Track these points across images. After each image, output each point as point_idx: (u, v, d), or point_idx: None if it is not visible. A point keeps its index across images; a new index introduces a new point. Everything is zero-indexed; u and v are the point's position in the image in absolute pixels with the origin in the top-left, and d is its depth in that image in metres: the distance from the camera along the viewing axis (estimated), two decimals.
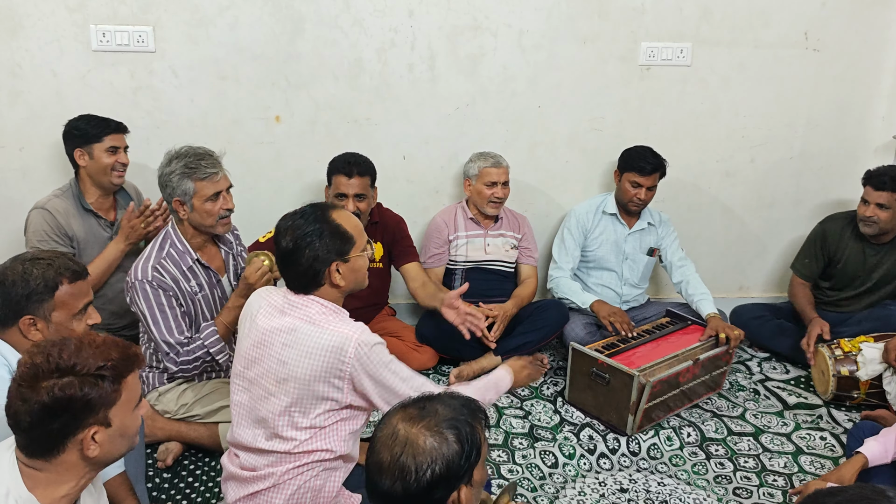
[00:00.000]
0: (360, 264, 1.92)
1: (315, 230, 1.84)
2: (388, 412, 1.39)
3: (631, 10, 3.37)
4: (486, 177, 3.26)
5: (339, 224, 1.87)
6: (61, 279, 1.81)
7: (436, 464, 1.28)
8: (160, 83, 3.13)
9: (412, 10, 3.22)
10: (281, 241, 1.87)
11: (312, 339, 1.82)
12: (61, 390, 1.35)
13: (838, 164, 3.76)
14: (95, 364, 1.39)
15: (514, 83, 3.40)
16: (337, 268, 1.86)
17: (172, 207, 2.47)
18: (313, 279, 1.86)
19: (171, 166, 2.43)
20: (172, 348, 2.42)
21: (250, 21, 3.12)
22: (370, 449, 1.34)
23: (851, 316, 3.33)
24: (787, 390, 3.20)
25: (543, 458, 2.71)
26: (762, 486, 2.58)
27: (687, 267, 3.37)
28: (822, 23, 3.51)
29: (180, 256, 2.48)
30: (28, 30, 2.97)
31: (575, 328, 3.19)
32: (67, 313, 1.82)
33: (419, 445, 1.29)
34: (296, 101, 3.26)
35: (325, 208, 1.90)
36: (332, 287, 1.88)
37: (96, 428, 1.40)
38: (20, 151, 3.12)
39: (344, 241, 1.87)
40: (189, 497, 2.44)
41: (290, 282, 1.90)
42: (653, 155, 3.27)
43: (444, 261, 3.36)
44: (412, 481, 1.28)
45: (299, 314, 1.86)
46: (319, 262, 1.83)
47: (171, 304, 2.42)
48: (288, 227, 1.86)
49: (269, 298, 1.95)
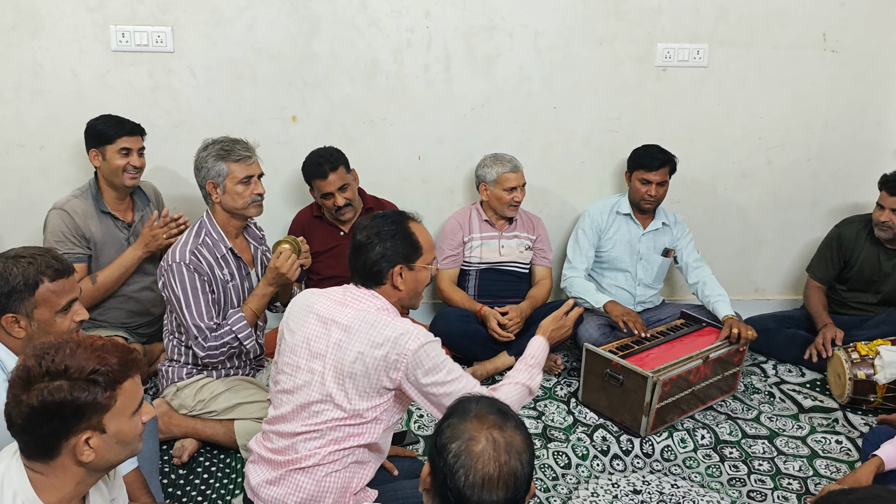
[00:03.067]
0: (423, 276, 2.02)
1: (390, 231, 1.96)
2: (461, 427, 1.33)
3: (647, 10, 3.36)
4: (505, 182, 3.25)
5: (413, 233, 1.99)
6: (42, 277, 1.80)
7: (532, 457, 1.34)
8: (178, 83, 3.16)
9: (428, 10, 3.22)
10: (357, 234, 1.99)
11: (375, 330, 1.88)
12: (51, 394, 1.34)
13: (856, 166, 3.73)
14: (89, 368, 1.37)
15: (529, 84, 3.41)
16: (401, 271, 1.96)
17: (206, 191, 2.53)
18: (377, 275, 1.96)
19: (206, 150, 2.52)
20: (202, 332, 2.46)
21: (267, 21, 3.14)
22: (460, 470, 1.27)
23: (868, 319, 3.30)
24: (802, 393, 3.18)
25: (556, 459, 2.71)
26: (776, 490, 2.57)
27: (703, 268, 3.36)
28: (841, 24, 3.49)
29: (215, 244, 2.53)
30: (49, 30, 3.01)
31: (589, 329, 3.19)
32: (50, 310, 1.82)
33: (518, 446, 1.32)
34: (312, 101, 3.28)
35: (405, 217, 2.02)
36: (393, 288, 1.97)
37: (90, 433, 1.39)
38: (40, 150, 3.16)
39: (413, 249, 1.98)
40: (204, 493, 2.46)
41: (355, 273, 2.00)
42: (660, 151, 3.27)
43: (458, 262, 3.37)
44: (522, 482, 1.30)
45: (361, 306, 1.94)
46: (386, 260, 1.94)
47: (204, 289, 2.47)
48: (367, 224, 1.98)
49: (327, 292, 2.02)
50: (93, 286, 2.85)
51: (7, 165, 3.15)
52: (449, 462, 1.29)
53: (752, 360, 3.43)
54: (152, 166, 3.15)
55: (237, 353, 2.60)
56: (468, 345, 3.17)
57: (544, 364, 2.19)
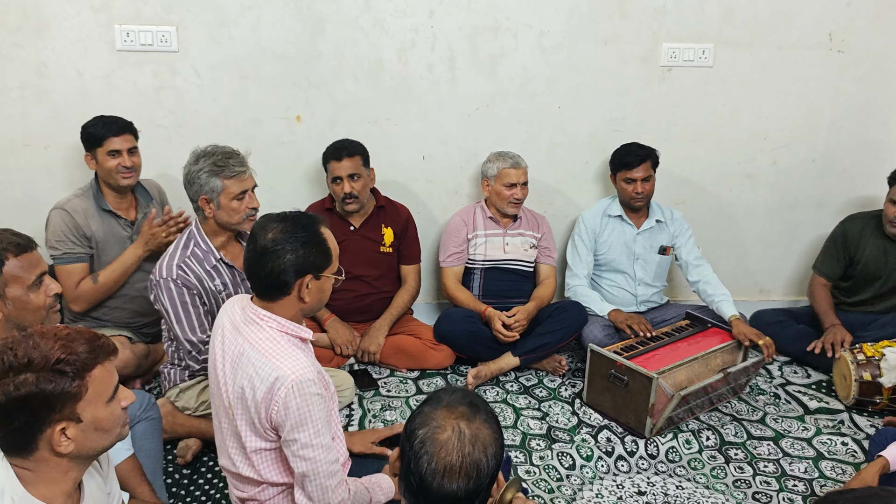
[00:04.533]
0: (328, 286, 1.85)
1: (301, 237, 1.76)
2: (431, 415, 1.34)
3: (652, 10, 3.35)
4: (505, 178, 3.26)
5: (326, 239, 1.81)
6: (6, 254, 1.81)
7: (498, 452, 1.34)
8: (183, 83, 3.16)
9: (433, 10, 3.22)
10: (259, 237, 1.76)
11: (256, 370, 1.73)
12: (16, 388, 1.31)
13: (861, 166, 3.72)
14: (53, 358, 1.34)
15: (533, 84, 3.40)
16: (308, 282, 1.78)
17: (198, 205, 2.48)
18: (282, 286, 1.77)
19: (198, 164, 2.44)
20: (195, 346, 2.44)
21: (272, 21, 3.14)
22: (424, 457, 1.30)
23: (874, 319, 3.29)
24: (808, 394, 3.16)
25: (561, 460, 2.70)
26: (782, 491, 2.56)
27: (703, 266, 3.35)
28: (847, 24, 3.47)
29: (204, 256, 2.50)
30: (54, 30, 3.01)
31: (593, 330, 3.18)
32: (21, 286, 1.83)
33: (485, 439, 1.32)
34: (316, 101, 3.28)
35: (317, 221, 1.83)
36: (297, 300, 1.80)
37: (64, 424, 1.37)
38: (45, 150, 3.16)
39: (325, 258, 1.81)
40: (208, 493, 2.46)
41: (255, 285, 1.81)
42: (639, 147, 3.29)
43: (463, 260, 3.37)
44: (485, 475, 1.31)
45: (251, 335, 1.78)
46: (295, 270, 1.76)
47: (194, 302, 2.44)
48: (273, 227, 1.77)
49: (230, 311, 1.87)
50: (94, 285, 2.85)
51: (12, 165, 3.16)
52: (415, 447, 1.32)
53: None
54: (157, 166, 3.15)
55: None
56: (472, 345, 3.17)
57: (549, 365, 2.15)
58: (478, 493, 1.32)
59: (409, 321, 3.38)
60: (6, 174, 3.17)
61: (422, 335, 3.26)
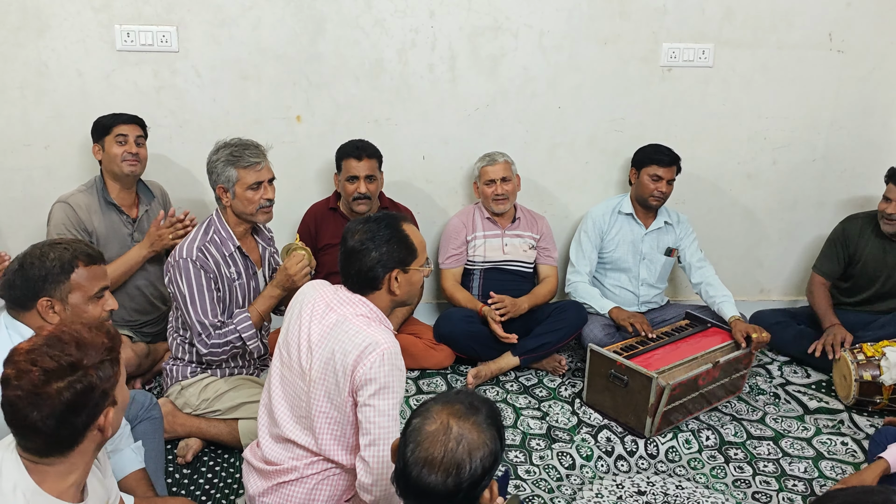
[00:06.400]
0: (417, 278, 1.97)
1: (385, 235, 1.89)
2: (429, 407, 1.40)
3: (652, 10, 3.35)
4: (484, 176, 3.28)
5: (409, 235, 1.93)
6: (77, 262, 1.86)
7: (486, 458, 1.34)
8: (183, 83, 3.16)
9: (433, 10, 3.22)
10: (349, 239, 1.91)
11: (349, 337, 1.83)
12: (81, 384, 1.38)
13: (862, 166, 3.72)
14: (99, 352, 1.42)
15: (534, 84, 3.40)
16: (396, 276, 1.90)
17: (217, 194, 2.53)
18: (372, 282, 1.90)
19: (217, 154, 2.51)
20: (205, 329, 2.46)
21: (272, 21, 3.14)
22: (410, 444, 1.36)
23: (874, 319, 3.29)
24: (807, 394, 3.17)
25: (561, 460, 2.70)
26: (781, 491, 2.56)
27: (706, 268, 3.35)
28: (847, 24, 3.47)
29: (223, 242, 2.54)
30: (54, 30, 3.02)
31: (593, 330, 3.19)
32: (83, 296, 1.87)
33: (473, 440, 1.34)
34: (317, 101, 3.28)
35: (399, 219, 1.96)
36: (388, 293, 1.93)
37: (109, 409, 1.45)
38: (45, 150, 3.16)
39: (409, 252, 1.92)
40: (208, 493, 2.46)
41: (347, 280, 1.94)
42: (669, 149, 3.30)
43: (462, 261, 3.37)
44: (466, 476, 1.32)
45: (345, 311, 1.89)
46: (382, 266, 1.88)
47: (209, 286, 2.47)
48: (359, 228, 1.91)
49: (320, 292, 1.98)
50: None
51: (12, 164, 3.16)
52: (407, 433, 1.39)
53: (758, 360, 3.42)
54: (158, 165, 3.15)
55: (240, 352, 2.60)
56: (472, 345, 3.17)
57: (548, 365, 2.18)
58: (457, 493, 1.33)
59: (409, 321, 3.38)
60: (7, 173, 3.17)
61: (422, 335, 3.26)
